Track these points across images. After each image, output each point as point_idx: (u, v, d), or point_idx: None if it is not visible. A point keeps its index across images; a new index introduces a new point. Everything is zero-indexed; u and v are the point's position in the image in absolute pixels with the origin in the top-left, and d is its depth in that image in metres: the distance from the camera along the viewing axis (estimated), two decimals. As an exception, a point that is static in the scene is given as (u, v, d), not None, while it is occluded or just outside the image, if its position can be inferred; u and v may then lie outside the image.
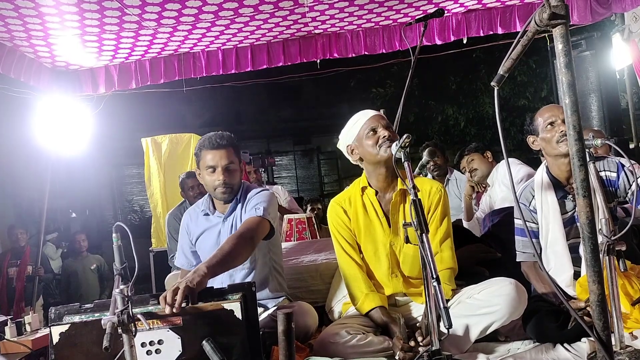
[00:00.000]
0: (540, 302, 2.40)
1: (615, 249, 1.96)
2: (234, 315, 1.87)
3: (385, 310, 2.38)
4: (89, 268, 7.05)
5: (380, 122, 2.43)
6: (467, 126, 11.05)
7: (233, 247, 2.21)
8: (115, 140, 10.60)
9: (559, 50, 1.27)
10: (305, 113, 14.46)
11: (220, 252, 2.18)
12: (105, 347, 1.50)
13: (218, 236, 2.64)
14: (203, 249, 2.70)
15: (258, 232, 2.40)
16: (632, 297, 2.23)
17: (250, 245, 2.33)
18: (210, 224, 2.68)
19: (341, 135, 2.56)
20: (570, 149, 1.31)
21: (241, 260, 2.30)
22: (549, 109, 2.53)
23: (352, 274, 2.49)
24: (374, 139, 2.39)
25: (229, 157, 2.54)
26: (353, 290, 2.48)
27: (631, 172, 2.38)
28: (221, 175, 2.52)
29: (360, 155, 2.48)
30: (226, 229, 2.62)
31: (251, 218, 2.44)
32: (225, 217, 2.63)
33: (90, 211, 12.61)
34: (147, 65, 4.76)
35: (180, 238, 2.82)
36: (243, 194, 2.64)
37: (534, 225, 2.53)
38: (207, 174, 2.56)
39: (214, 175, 2.53)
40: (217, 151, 2.52)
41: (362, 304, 2.41)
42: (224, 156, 2.53)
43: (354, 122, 2.49)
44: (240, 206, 2.61)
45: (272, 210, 2.55)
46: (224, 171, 2.52)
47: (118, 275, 1.72)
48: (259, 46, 4.72)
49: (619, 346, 1.92)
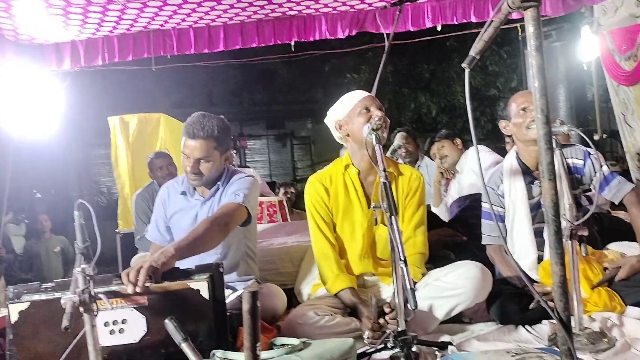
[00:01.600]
0: (503, 285, 2.44)
1: (578, 234, 2.01)
2: (201, 295, 1.85)
3: (355, 292, 2.39)
4: (53, 250, 6.87)
5: (375, 103, 2.43)
6: (438, 114, 11.15)
7: (205, 232, 2.17)
8: (82, 118, 10.32)
9: (530, 33, 1.28)
10: (279, 97, 14.34)
11: (191, 234, 2.15)
12: (65, 327, 1.47)
13: (195, 218, 2.58)
14: (178, 228, 2.65)
15: (234, 218, 2.37)
16: (592, 281, 2.29)
17: (224, 231, 2.29)
18: (188, 205, 2.63)
19: (331, 110, 2.54)
20: (538, 132, 1.32)
21: (212, 245, 2.25)
22: (522, 94, 2.56)
23: (325, 253, 2.49)
24: (366, 117, 2.38)
25: (204, 151, 2.45)
26: (324, 270, 2.48)
27: (597, 160, 2.44)
28: (192, 164, 2.47)
29: (348, 132, 2.47)
30: (204, 211, 2.57)
31: (229, 204, 2.40)
32: (204, 201, 2.58)
33: (55, 192, 12.32)
34: (115, 42, 4.62)
35: (155, 210, 2.75)
36: (227, 178, 2.59)
37: (501, 209, 2.57)
38: (183, 157, 2.52)
39: (187, 161, 2.49)
40: (193, 141, 2.44)
41: (333, 285, 2.42)
42: (198, 148, 2.45)
43: (348, 98, 2.48)
44: (222, 190, 2.57)
45: (253, 198, 2.52)
46: (195, 162, 2.46)
47: (80, 254, 1.68)
48: (233, 26, 4.64)
49: (578, 328, 1.97)
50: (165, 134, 6.37)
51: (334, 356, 1.74)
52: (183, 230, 2.51)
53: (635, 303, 2.26)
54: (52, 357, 1.78)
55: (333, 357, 1.73)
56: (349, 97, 2.49)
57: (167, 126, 6.43)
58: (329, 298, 2.45)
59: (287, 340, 1.88)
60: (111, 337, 1.79)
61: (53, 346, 1.78)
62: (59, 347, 1.76)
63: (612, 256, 2.47)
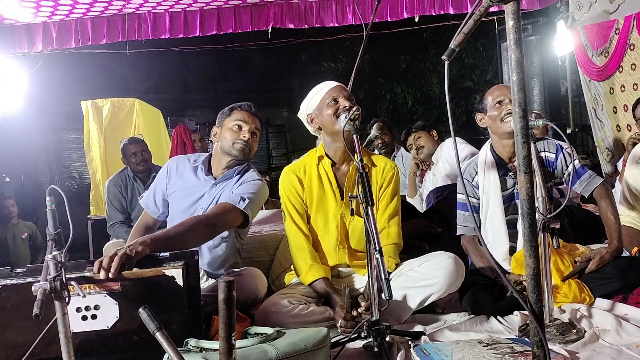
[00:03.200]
0: (476, 276, 2.48)
1: (550, 226, 2.05)
2: (175, 282, 1.83)
3: (328, 281, 2.40)
4: (20, 237, 6.68)
5: (342, 93, 2.42)
6: (414, 105, 11.21)
7: (189, 229, 2.14)
8: (53, 102, 10.10)
9: (510, 27, 1.29)
10: (254, 84, 14.23)
11: (173, 229, 2.13)
12: (36, 314, 1.44)
13: (199, 198, 2.55)
14: (176, 207, 2.60)
15: (226, 222, 2.34)
16: (563, 273, 2.34)
17: (210, 233, 2.27)
18: (197, 183, 2.58)
19: (302, 104, 2.54)
20: (515, 126, 1.33)
21: (193, 244, 2.16)
22: (498, 88, 2.59)
23: (299, 244, 2.48)
24: (334, 108, 2.38)
25: (258, 125, 2.60)
26: (298, 260, 2.48)
27: (569, 154, 2.48)
28: (247, 134, 2.53)
29: (319, 125, 2.47)
30: (210, 195, 2.53)
31: (228, 205, 2.36)
32: (216, 183, 2.54)
33: (25, 176, 12.03)
34: (89, 24, 4.52)
35: (157, 180, 2.69)
36: (243, 170, 2.58)
37: (475, 200, 2.60)
38: (231, 132, 2.54)
39: (240, 132, 2.54)
40: (250, 114, 2.58)
41: (306, 275, 2.42)
42: (256, 121, 2.59)
43: (316, 92, 2.47)
44: (235, 180, 2.54)
45: (256, 205, 2.52)
46: (251, 133, 2.55)
47: (51, 240, 1.64)
48: (209, 11, 4.58)
49: (548, 319, 2.02)
50: (139, 119, 6.27)
51: (307, 345, 1.74)
52: (182, 210, 2.53)
53: (604, 295, 2.32)
54: (22, 344, 1.74)
55: (307, 346, 1.73)
56: (316, 90, 2.48)
57: (141, 111, 6.33)
58: (302, 287, 2.46)
59: (261, 329, 1.88)
60: (83, 323, 1.76)
61: (25, 334, 1.75)
62: (30, 333, 1.73)
63: (583, 249, 2.53)
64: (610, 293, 2.32)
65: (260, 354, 1.63)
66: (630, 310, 2.17)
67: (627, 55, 4.38)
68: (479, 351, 1.79)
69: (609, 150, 4.82)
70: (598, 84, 4.78)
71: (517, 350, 1.78)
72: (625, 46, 4.37)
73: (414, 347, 1.91)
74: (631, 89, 4.39)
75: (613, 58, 4.49)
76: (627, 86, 4.44)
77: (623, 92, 4.49)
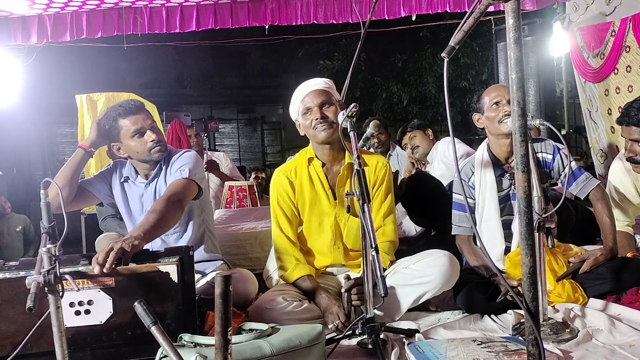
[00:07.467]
0: (471, 274, 2.48)
1: (545, 226, 2.06)
2: (170, 278, 1.83)
3: (312, 277, 2.42)
4: (14, 230, 6.67)
5: (315, 101, 2.40)
6: (409, 104, 11.19)
7: (164, 211, 2.15)
8: (48, 96, 10.04)
9: (510, 25, 1.28)
10: (250, 81, 14.17)
11: (152, 215, 2.12)
12: (29, 307, 1.43)
13: (140, 199, 2.57)
14: (126, 212, 2.62)
15: (186, 194, 2.35)
16: (557, 273, 2.35)
17: (179, 208, 2.28)
18: (130, 190, 2.60)
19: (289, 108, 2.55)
20: (513, 125, 1.34)
21: (172, 223, 2.25)
22: (495, 88, 2.59)
23: (285, 248, 2.49)
24: (309, 121, 2.39)
25: (150, 117, 2.49)
26: (282, 261, 2.49)
27: (566, 156, 2.49)
28: (152, 135, 2.44)
29: (304, 131, 2.49)
30: (149, 193, 2.55)
31: (177, 181, 2.38)
32: (148, 183, 2.55)
33: (18, 170, 11.95)
34: (84, 18, 4.48)
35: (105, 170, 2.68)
36: (167, 158, 2.56)
37: (471, 200, 2.61)
38: (136, 142, 2.45)
39: (144, 137, 2.44)
40: (139, 115, 2.45)
41: (291, 273, 2.43)
42: (146, 113, 2.48)
43: (294, 99, 2.48)
44: (164, 170, 2.54)
45: (198, 171, 2.50)
46: (152, 129, 2.45)
47: (45, 233, 1.63)
48: (206, 6, 4.56)
49: (542, 318, 2.02)
50: (134, 114, 6.22)
51: (302, 341, 1.74)
52: (136, 215, 2.55)
53: (597, 295, 2.33)
54: (14, 337, 1.73)
55: (302, 342, 1.73)
56: (294, 98, 2.48)
57: (136, 106, 6.28)
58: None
59: (255, 325, 1.87)
60: (76, 317, 1.76)
61: (17, 327, 1.74)
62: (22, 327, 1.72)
63: (577, 249, 2.54)
64: (603, 293, 2.34)
65: (255, 350, 1.63)
66: (623, 311, 2.18)
67: (622, 57, 4.39)
68: (473, 349, 1.79)
69: (603, 152, 4.84)
70: (593, 85, 4.80)
71: (511, 348, 1.78)
72: (620, 48, 4.38)
73: (408, 345, 1.91)
74: (626, 91, 4.40)
75: (609, 60, 4.50)
76: (622, 88, 4.45)
77: (618, 94, 4.51)
